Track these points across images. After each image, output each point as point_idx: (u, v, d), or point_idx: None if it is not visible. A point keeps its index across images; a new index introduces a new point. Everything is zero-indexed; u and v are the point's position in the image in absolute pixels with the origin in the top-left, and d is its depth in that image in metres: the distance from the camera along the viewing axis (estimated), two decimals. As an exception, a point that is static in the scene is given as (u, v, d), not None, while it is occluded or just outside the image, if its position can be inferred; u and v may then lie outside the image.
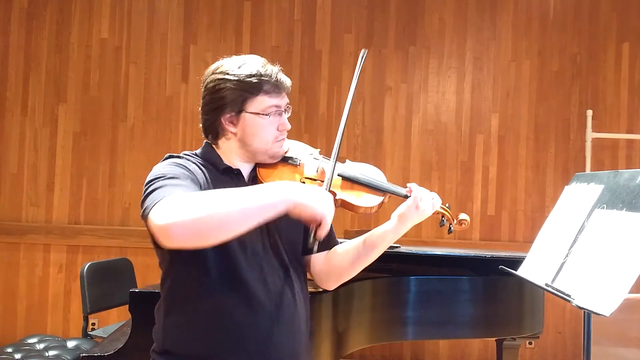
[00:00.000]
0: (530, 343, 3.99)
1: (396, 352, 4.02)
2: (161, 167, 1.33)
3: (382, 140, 4.08)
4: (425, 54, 4.12)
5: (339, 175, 1.48)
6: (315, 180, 1.45)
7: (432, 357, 4.05)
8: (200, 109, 1.46)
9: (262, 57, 1.48)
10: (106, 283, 3.22)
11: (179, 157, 1.41)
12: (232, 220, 1.13)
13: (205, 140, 1.50)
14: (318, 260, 1.53)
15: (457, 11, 4.13)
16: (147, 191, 1.23)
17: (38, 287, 4.00)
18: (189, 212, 1.10)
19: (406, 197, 1.45)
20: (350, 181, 1.49)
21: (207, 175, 1.38)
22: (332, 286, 1.57)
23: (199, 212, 1.10)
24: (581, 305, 1.37)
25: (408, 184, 1.47)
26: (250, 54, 1.51)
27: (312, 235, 1.24)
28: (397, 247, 2.64)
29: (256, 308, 1.34)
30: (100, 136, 4.05)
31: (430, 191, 1.45)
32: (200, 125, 1.48)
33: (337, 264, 1.51)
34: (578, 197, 1.75)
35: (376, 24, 4.11)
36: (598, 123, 4.05)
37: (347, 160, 1.55)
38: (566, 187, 1.90)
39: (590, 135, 3.94)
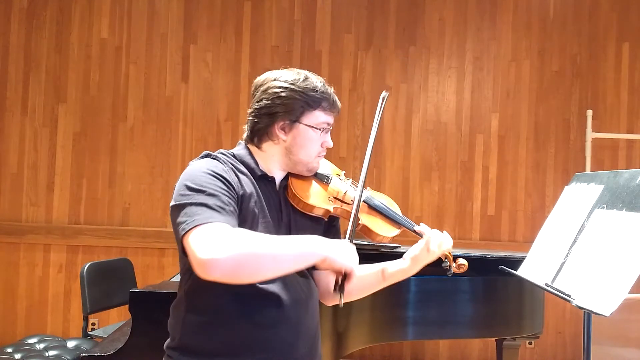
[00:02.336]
0: (530, 343, 3.99)
1: (396, 352, 4.02)
2: (200, 174, 1.32)
3: (382, 140, 4.08)
4: (425, 54, 4.12)
5: (364, 201, 1.55)
6: (341, 200, 1.52)
7: (432, 357, 4.05)
8: (250, 111, 1.48)
9: (262, 57, 1.50)
10: (106, 283, 3.22)
11: (217, 159, 1.41)
12: (267, 267, 1.22)
13: (241, 141, 1.52)
14: (326, 278, 1.55)
15: (457, 11, 4.13)
16: (185, 203, 1.26)
17: (38, 287, 4.00)
18: (230, 251, 1.16)
19: (418, 233, 1.53)
20: (373, 209, 1.57)
21: (241, 180, 1.39)
22: (331, 304, 1.61)
23: (240, 254, 1.17)
24: (581, 305, 1.37)
25: (421, 224, 1.54)
26: (250, 54, 1.53)
27: (339, 286, 1.33)
28: (397, 247, 2.63)
29: (277, 311, 1.36)
30: (100, 136, 4.05)
31: (442, 231, 1.52)
32: (246, 126, 1.50)
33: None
34: (578, 197, 1.75)
35: (376, 24, 4.11)
36: (598, 123, 4.05)
37: (367, 187, 1.61)
38: (566, 187, 1.90)
39: (590, 135, 3.94)
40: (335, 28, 4.09)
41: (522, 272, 1.84)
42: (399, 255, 1.55)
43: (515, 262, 1.89)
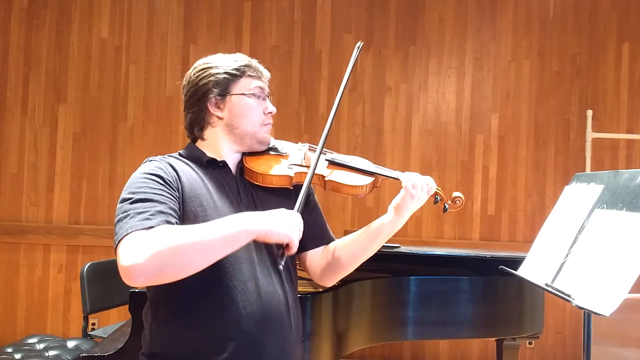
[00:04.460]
0: (530, 343, 3.99)
1: (396, 352, 4.02)
2: (134, 181, 1.33)
3: (382, 140, 4.08)
4: (425, 54, 4.12)
5: (326, 160, 1.51)
6: (301, 166, 1.47)
7: (432, 357, 4.05)
8: (183, 109, 1.49)
9: (262, 57, 1.51)
10: (106, 283, 3.21)
11: (153, 160, 1.41)
12: (192, 259, 1.17)
13: (189, 142, 1.52)
14: (314, 256, 1.53)
15: (457, 11, 4.13)
16: (117, 220, 1.26)
17: (38, 287, 4.00)
18: (149, 253, 1.14)
19: (399, 179, 1.47)
20: (338, 165, 1.52)
21: (180, 172, 1.38)
22: (329, 282, 1.56)
23: (159, 253, 1.14)
24: (581, 305, 1.37)
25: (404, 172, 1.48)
26: (250, 54, 1.53)
27: (280, 252, 1.28)
28: (397, 247, 2.64)
29: (243, 307, 1.32)
30: (100, 136, 4.05)
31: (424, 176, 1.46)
32: (184, 125, 1.50)
33: (335, 260, 1.50)
34: (578, 197, 1.75)
35: (376, 24, 4.11)
36: (598, 123, 4.05)
37: (334, 152, 1.57)
38: (566, 187, 1.90)
39: (590, 135, 3.94)
40: (335, 28, 4.09)
41: (522, 272, 1.84)
42: (399, 255, 1.54)
43: (515, 262, 1.89)
